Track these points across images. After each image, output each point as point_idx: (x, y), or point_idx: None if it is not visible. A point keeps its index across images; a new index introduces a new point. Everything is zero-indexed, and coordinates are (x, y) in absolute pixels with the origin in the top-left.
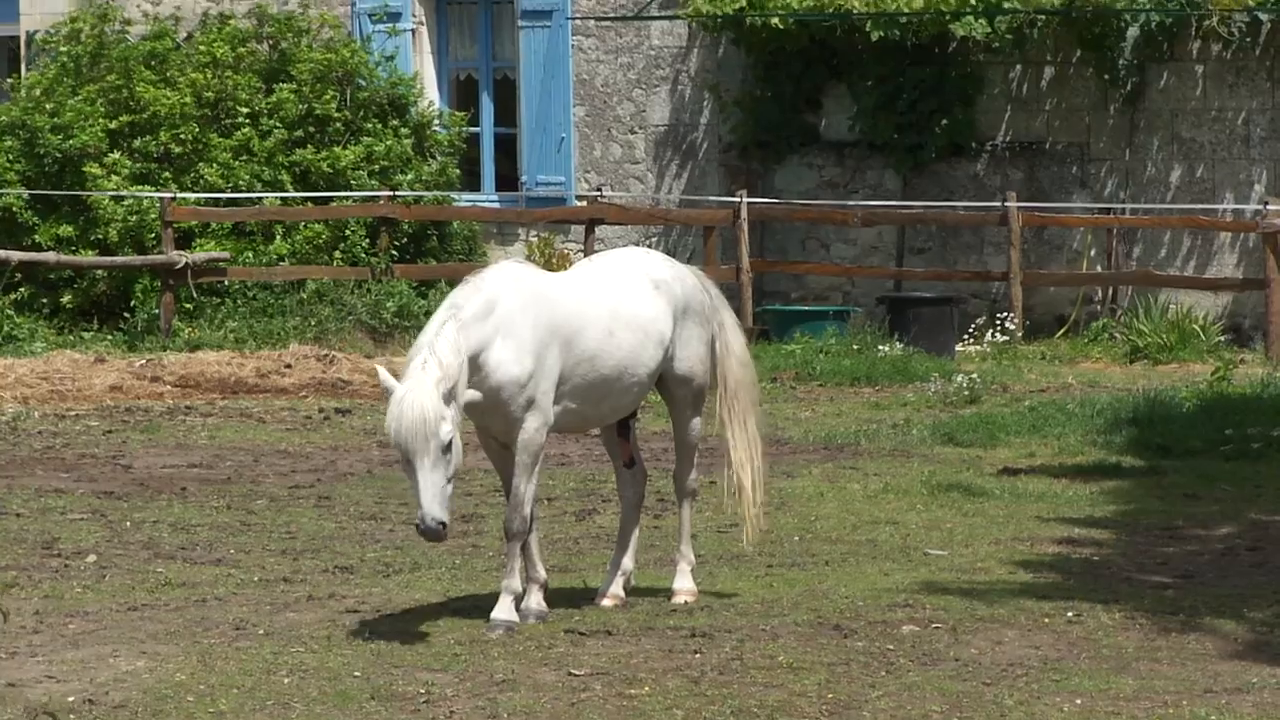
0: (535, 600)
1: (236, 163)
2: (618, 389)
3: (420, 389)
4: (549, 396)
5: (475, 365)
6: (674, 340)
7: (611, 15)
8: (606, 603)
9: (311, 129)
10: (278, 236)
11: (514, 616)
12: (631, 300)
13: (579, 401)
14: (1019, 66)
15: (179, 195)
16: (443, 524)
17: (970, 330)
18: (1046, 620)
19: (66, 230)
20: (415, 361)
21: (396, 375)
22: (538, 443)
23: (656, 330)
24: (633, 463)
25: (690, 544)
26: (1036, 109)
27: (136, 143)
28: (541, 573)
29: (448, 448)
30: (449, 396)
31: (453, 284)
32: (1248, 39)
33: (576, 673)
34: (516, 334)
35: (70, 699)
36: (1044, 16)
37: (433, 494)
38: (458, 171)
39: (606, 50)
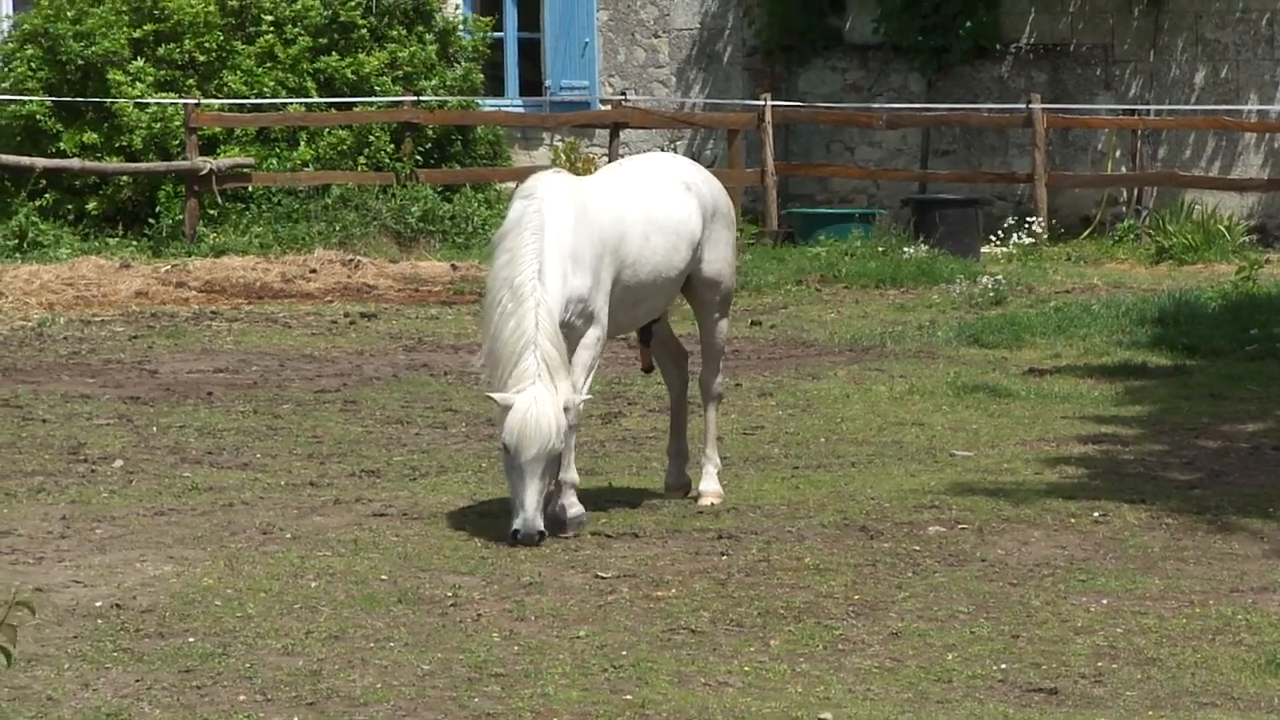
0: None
1: (260, 70)
2: (652, 292)
3: (545, 405)
4: (605, 308)
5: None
6: (703, 242)
7: None
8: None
9: (336, 36)
10: (302, 142)
11: (581, 508)
12: (665, 203)
13: (618, 306)
14: None
15: (203, 102)
16: (542, 534)
17: (995, 232)
18: (1073, 520)
19: (91, 137)
20: (527, 360)
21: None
22: (598, 349)
23: (688, 231)
24: (651, 368)
25: (716, 447)
26: (1060, 10)
27: (160, 50)
28: (573, 474)
29: (558, 457)
30: (566, 405)
31: (477, 189)
32: None
33: (603, 575)
34: (576, 251)
35: (98, 604)
36: None
37: (536, 503)
38: (481, 77)
39: None
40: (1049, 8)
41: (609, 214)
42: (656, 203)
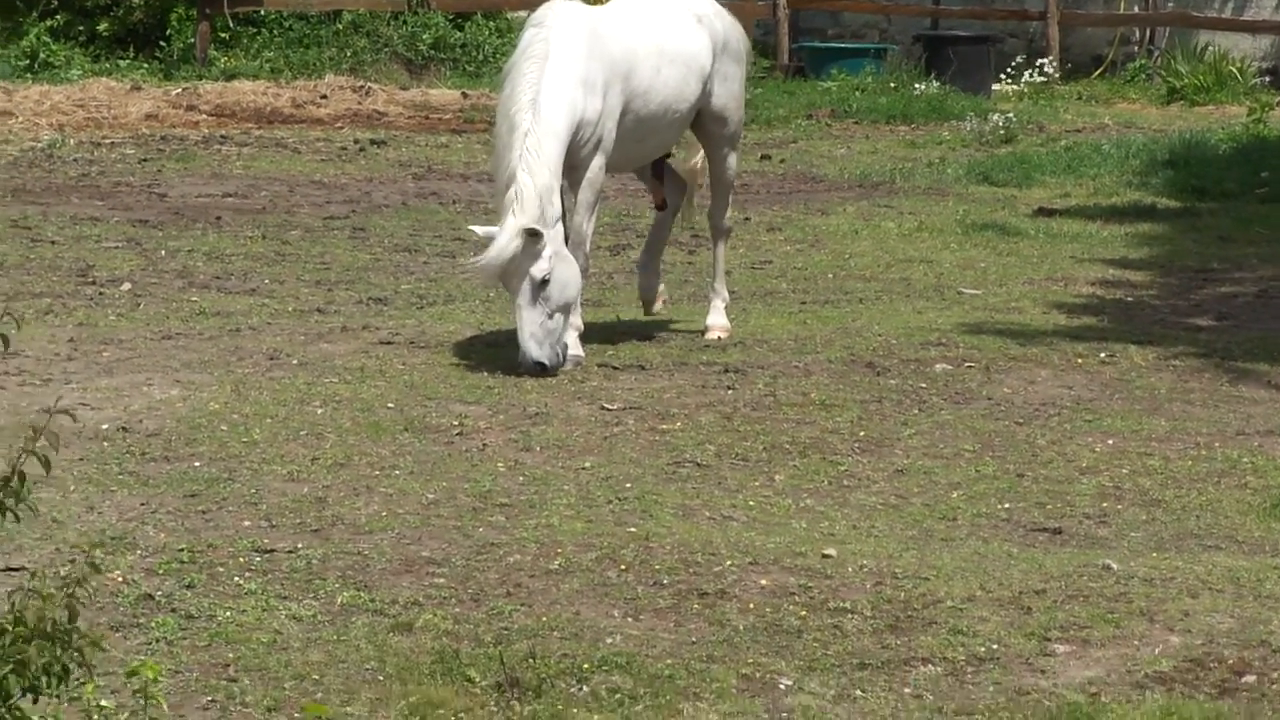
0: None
1: None
2: (662, 125)
3: (505, 236)
4: (612, 135)
5: None
6: (712, 75)
7: None
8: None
9: None
10: None
11: (580, 350)
12: (676, 35)
13: (627, 139)
14: None
15: None
16: (541, 364)
17: (1007, 70)
18: (1080, 360)
19: None
20: (508, 194)
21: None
22: (600, 180)
23: (698, 65)
24: (664, 205)
25: (724, 280)
26: None
27: None
28: (577, 319)
29: (544, 283)
30: (538, 230)
31: (489, 16)
32: None
33: (609, 407)
34: (587, 77)
35: (104, 426)
36: None
37: (529, 332)
38: None
39: None
40: None
41: (619, 43)
42: (668, 35)
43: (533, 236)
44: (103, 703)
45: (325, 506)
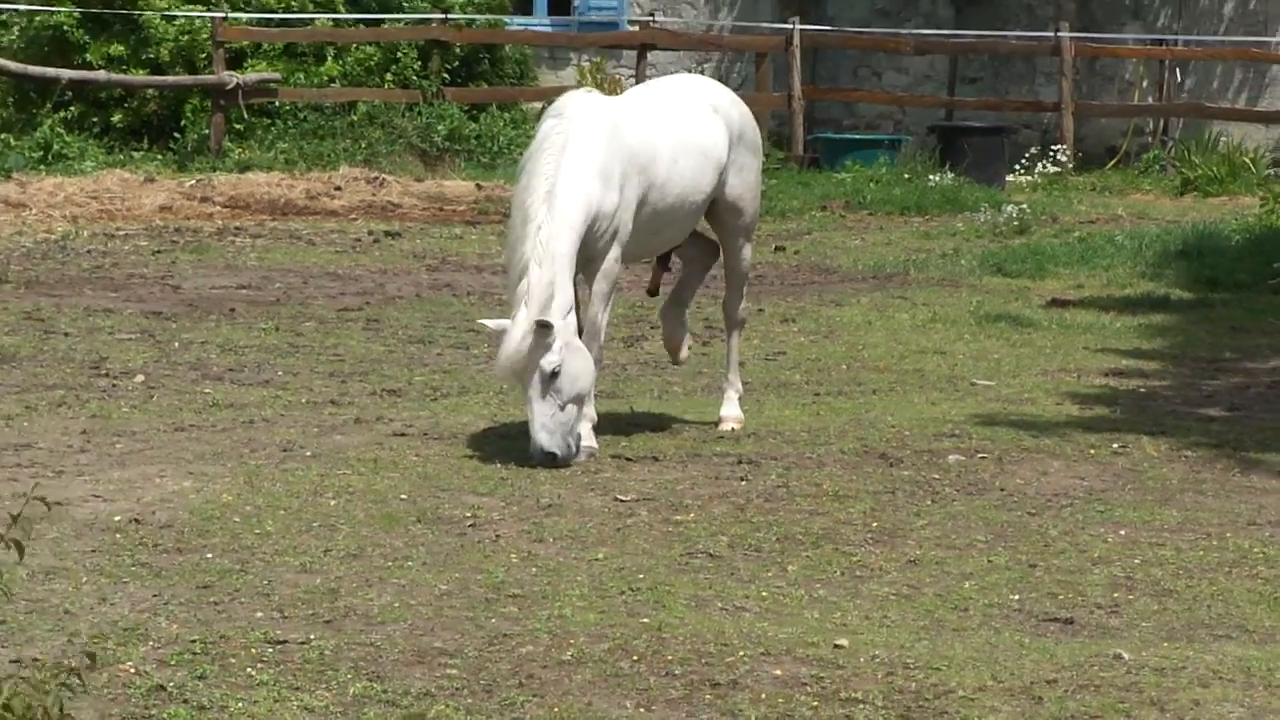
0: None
1: None
2: (678, 216)
3: (516, 330)
4: (628, 227)
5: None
6: (728, 166)
7: None
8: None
9: None
10: (329, 58)
11: (594, 442)
12: (692, 126)
13: (643, 230)
14: None
15: (230, 15)
16: (551, 455)
17: (1021, 160)
18: (1092, 451)
19: (117, 49)
20: (519, 286)
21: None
22: (616, 272)
23: (715, 155)
24: (656, 292)
25: (738, 372)
26: None
27: None
28: (591, 411)
29: (554, 375)
30: (548, 323)
31: (503, 108)
32: None
33: (623, 498)
34: (605, 169)
35: (116, 519)
36: None
37: (540, 424)
38: None
39: None
40: None
41: (638, 134)
42: (685, 125)
43: (543, 329)
44: None
45: (338, 597)
